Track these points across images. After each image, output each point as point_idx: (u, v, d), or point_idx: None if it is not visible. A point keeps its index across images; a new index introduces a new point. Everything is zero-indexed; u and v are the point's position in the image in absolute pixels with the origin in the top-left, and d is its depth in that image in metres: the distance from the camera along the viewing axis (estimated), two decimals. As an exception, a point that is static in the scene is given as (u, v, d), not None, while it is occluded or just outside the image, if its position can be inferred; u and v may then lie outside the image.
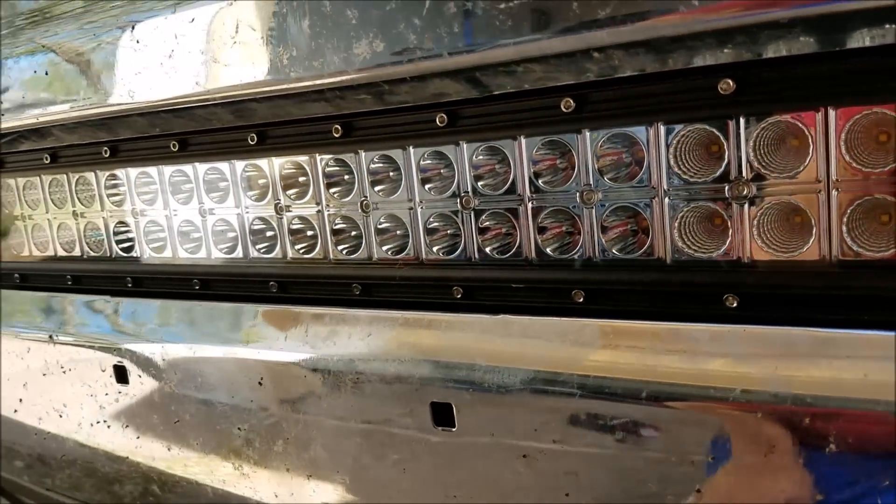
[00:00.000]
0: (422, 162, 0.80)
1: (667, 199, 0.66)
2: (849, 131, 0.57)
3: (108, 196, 1.09)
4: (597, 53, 0.58)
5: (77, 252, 1.16)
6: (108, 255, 1.12)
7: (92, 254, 1.15)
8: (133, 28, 0.80)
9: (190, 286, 1.02)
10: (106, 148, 1.03)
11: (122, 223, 1.09)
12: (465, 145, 0.76)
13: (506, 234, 0.78)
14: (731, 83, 0.59)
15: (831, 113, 0.57)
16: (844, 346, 0.56)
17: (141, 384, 0.96)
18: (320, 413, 0.82)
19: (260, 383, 0.86)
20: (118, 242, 1.10)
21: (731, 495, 0.59)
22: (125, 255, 1.10)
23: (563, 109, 0.67)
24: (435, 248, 0.82)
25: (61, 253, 1.19)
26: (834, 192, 0.58)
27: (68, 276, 1.16)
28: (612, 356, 0.63)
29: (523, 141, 0.72)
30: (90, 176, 1.10)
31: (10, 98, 0.99)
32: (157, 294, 1.04)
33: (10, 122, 0.99)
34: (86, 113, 0.90)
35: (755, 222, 0.62)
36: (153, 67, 0.81)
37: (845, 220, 0.58)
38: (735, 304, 0.62)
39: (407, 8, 0.64)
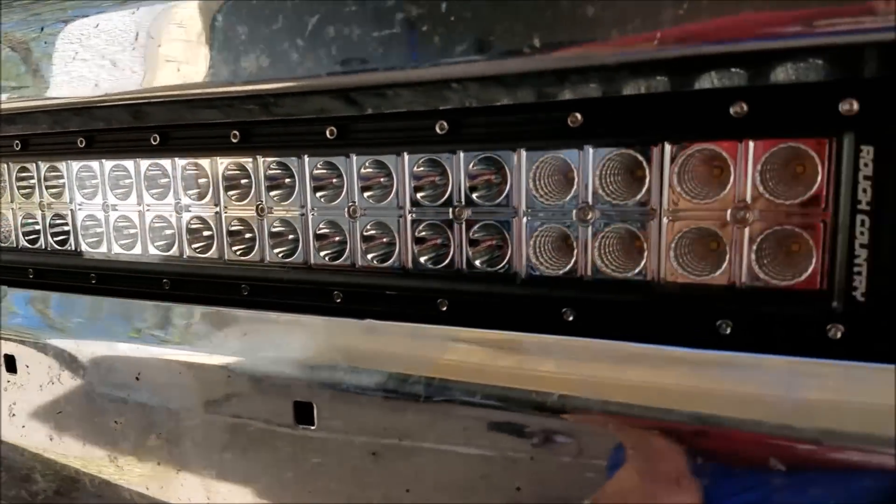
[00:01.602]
0: (314, 171, 0.84)
1: (525, 219, 0.70)
2: (681, 164, 0.62)
3: (19, 188, 1.10)
4: (455, 84, 0.63)
5: None
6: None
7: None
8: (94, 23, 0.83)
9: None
10: (17, 142, 1.05)
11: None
12: (354, 157, 0.81)
13: (388, 244, 0.81)
14: (580, 117, 0.64)
15: (667, 147, 0.63)
16: (652, 359, 0.60)
17: (28, 374, 0.97)
18: (192, 408, 0.84)
19: (137, 378, 0.88)
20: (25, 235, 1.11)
21: (546, 488, 0.63)
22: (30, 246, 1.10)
23: (438, 131, 0.72)
24: (322, 254, 0.85)
25: None
26: (665, 220, 0.63)
27: None
28: (457, 360, 0.67)
29: (406, 157, 0.77)
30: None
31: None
32: (61, 288, 1.05)
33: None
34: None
35: (598, 243, 0.68)
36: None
37: (673, 245, 0.63)
38: (571, 318, 0.66)
39: (291, 28, 0.68)
